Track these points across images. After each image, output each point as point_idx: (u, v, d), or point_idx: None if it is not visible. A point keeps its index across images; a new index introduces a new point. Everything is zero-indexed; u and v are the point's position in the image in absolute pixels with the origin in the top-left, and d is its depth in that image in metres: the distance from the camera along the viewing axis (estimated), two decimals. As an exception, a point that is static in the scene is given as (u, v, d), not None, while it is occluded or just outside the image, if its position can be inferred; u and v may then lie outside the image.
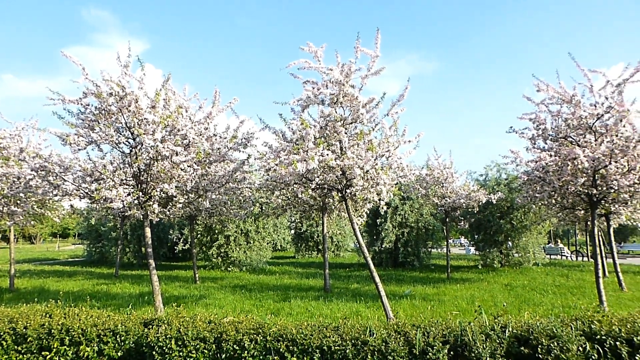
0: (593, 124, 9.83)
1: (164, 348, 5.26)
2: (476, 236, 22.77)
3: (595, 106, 9.83)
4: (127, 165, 9.37)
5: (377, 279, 9.02)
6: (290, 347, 5.04)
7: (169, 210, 10.58)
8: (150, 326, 5.73)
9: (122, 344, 5.56)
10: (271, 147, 9.66)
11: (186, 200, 10.63)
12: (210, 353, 5.24)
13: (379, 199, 9.70)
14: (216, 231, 21.32)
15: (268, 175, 10.01)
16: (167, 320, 5.73)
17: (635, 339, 5.33)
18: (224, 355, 5.17)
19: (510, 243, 21.96)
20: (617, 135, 9.49)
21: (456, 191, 17.17)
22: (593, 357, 5.23)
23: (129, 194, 8.89)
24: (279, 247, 37.44)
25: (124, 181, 9.21)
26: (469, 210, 18.16)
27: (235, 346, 5.17)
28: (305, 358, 4.98)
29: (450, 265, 18.81)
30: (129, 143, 9.33)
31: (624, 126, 9.47)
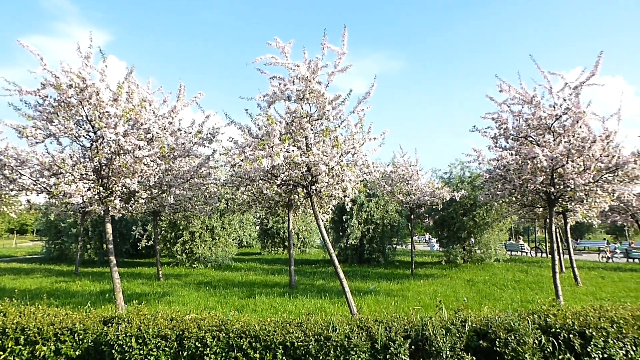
0: (552, 124, 10.14)
1: (124, 346, 5.15)
2: (440, 233, 23.15)
3: (554, 107, 10.15)
4: (87, 160, 9.13)
5: (342, 275, 9.07)
6: (253, 344, 5.02)
7: (131, 206, 10.38)
8: (110, 324, 5.61)
9: (81, 342, 5.43)
10: (236, 142, 9.58)
11: (149, 196, 10.43)
12: (172, 351, 5.17)
13: (344, 196, 9.76)
14: (181, 227, 21.03)
15: (233, 170, 9.92)
16: (127, 318, 5.62)
17: (587, 332, 5.54)
18: (185, 353, 5.11)
19: (472, 239, 22.44)
20: (573, 136, 9.82)
21: (421, 188, 17.42)
22: (548, 349, 5.41)
23: (89, 189, 8.67)
24: (245, 244, 37.22)
25: (84, 176, 8.96)
26: (434, 207, 18.47)
27: (197, 343, 5.11)
28: (268, 354, 4.97)
29: (414, 261, 19.10)
30: (90, 136, 9.09)
31: (580, 127, 9.82)
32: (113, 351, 5.20)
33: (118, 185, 8.98)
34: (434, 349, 5.07)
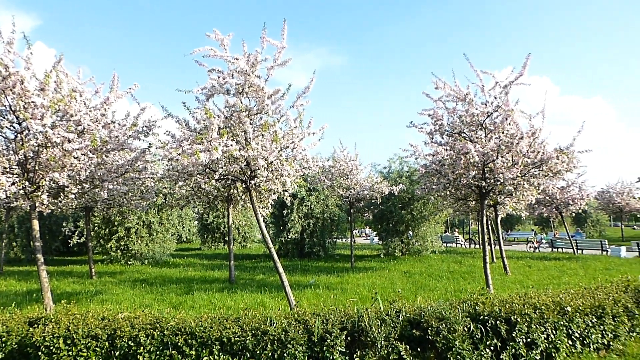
0: (483, 121, 10.58)
1: (51, 348, 4.94)
2: (379, 226, 23.62)
3: (486, 105, 10.60)
4: (11, 152, 8.60)
5: (281, 269, 9.08)
6: (189, 341, 4.95)
7: (60, 202, 9.90)
8: (36, 325, 5.35)
9: (4, 345, 5.15)
10: (174, 136, 9.35)
11: (80, 191, 9.99)
12: (103, 351, 5.01)
13: (284, 190, 9.76)
14: (115, 223, 20.26)
15: (171, 165, 9.68)
16: (55, 318, 5.38)
17: (512, 318, 5.86)
18: (117, 353, 4.97)
19: (410, 232, 23.08)
20: (503, 133, 10.29)
21: (360, 183, 17.72)
22: (477, 336, 5.68)
23: (13, 184, 8.18)
24: (184, 239, 36.44)
25: (8, 169, 8.45)
26: (373, 201, 18.82)
27: (130, 342, 4.98)
28: (204, 351, 4.92)
29: (354, 254, 19.38)
30: (14, 128, 8.58)
31: (509, 124, 10.31)
32: (40, 353, 4.97)
33: (45, 180, 8.54)
34: (369, 339, 5.20)
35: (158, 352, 4.94)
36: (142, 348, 4.92)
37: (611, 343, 6.74)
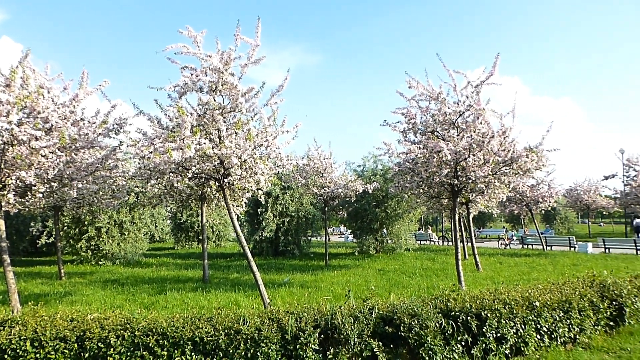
0: (456, 120, 10.73)
1: (18, 351, 4.82)
2: (353, 224, 23.74)
3: (458, 104, 10.74)
4: (-25, 150, 8.35)
5: (255, 268, 9.05)
6: (161, 341, 4.89)
7: (27, 201, 9.65)
8: (2, 328, 5.20)
9: (-33, 349, 4.99)
10: (145, 134, 9.21)
11: (48, 190, 9.75)
12: (72, 353, 4.91)
13: (258, 189, 9.72)
14: (86, 222, 19.83)
15: (142, 163, 9.53)
16: (21, 320, 5.25)
17: (483, 313, 5.97)
18: (87, 355, 4.88)
19: (385, 230, 23.25)
20: (475, 131, 10.46)
21: (335, 181, 17.78)
22: (448, 331, 5.76)
23: (-23, 183, 7.95)
24: (157, 239, 35.92)
25: (-28, 168, 8.21)
26: (347, 199, 18.90)
27: (100, 344, 4.90)
28: (176, 351, 4.87)
29: (328, 252, 19.44)
30: (-22, 125, 8.32)
31: (480, 123, 10.48)
32: (6, 356, 4.84)
33: (12, 179, 8.31)
34: (342, 336, 5.22)
35: (129, 353, 4.86)
36: (112, 349, 4.84)
37: (577, 336, 6.93)
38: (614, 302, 7.61)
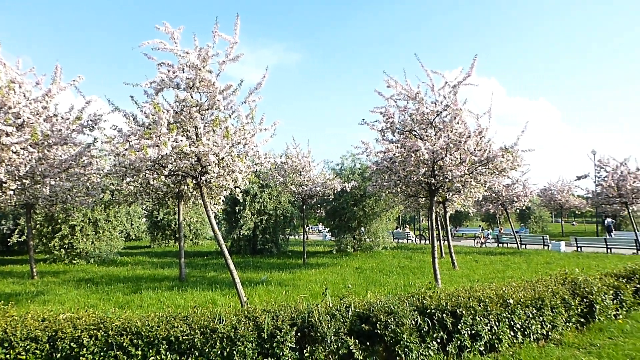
0: (433, 119, 10.83)
1: (-14, 351, 4.70)
2: (331, 223, 23.79)
3: (435, 104, 10.85)
4: (-57, 146, 8.13)
5: (232, 266, 9.01)
6: (135, 341, 4.83)
7: (-2, 198, 9.43)
8: (-30, 328, 5.07)
9: None
10: (121, 130, 9.07)
11: (19, 187, 9.54)
12: (44, 354, 4.81)
13: (235, 187, 9.67)
14: (59, 220, 19.43)
15: (117, 160, 9.38)
16: (-10, 320, 5.12)
17: (458, 311, 6.04)
18: (59, 355, 4.78)
19: (362, 229, 23.35)
20: (452, 131, 10.58)
21: (313, 179, 17.78)
22: (424, 329, 5.82)
23: (-55, 179, 7.74)
24: (134, 237, 35.42)
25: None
26: (325, 197, 18.93)
27: (72, 344, 4.81)
28: (151, 351, 4.81)
29: (306, 251, 19.44)
30: (-54, 120, 8.10)
31: (457, 123, 10.61)
32: (-26, 357, 4.72)
33: (-19, 175, 8.12)
34: (319, 334, 5.23)
35: (102, 353, 4.78)
36: (85, 349, 4.75)
37: (550, 333, 7.07)
38: (585, 300, 7.79)
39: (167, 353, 4.81)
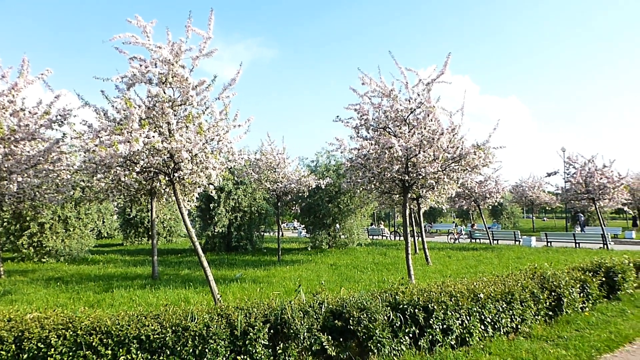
0: (407, 117, 10.91)
1: (-51, 353, 4.56)
2: (306, 219, 23.80)
3: (409, 101, 10.93)
4: None
5: (205, 264, 8.94)
6: (104, 340, 4.75)
7: (-38, 195, 9.15)
8: None
9: None
10: (91, 126, 8.88)
11: (-15, 183, 9.28)
12: (9, 355, 4.69)
13: (209, 183, 9.58)
14: (27, 218, 18.94)
15: (87, 156, 9.19)
16: (-47, 320, 4.97)
17: (430, 306, 6.12)
18: (26, 356, 4.67)
19: (337, 225, 23.44)
20: (425, 128, 10.68)
21: (288, 176, 17.75)
22: (396, 324, 5.88)
23: None
24: (105, 235, 34.80)
25: None
26: (300, 194, 18.92)
27: (39, 344, 4.70)
28: (121, 350, 4.73)
29: (281, 248, 19.42)
30: None
31: (431, 120, 10.71)
32: None
33: (-56, 171, 7.86)
34: (292, 331, 5.23)
35: (71, 353, 4.69)
36: (53, 350, 4.65)
37: (519, 326, 7.22)
38: (553, 293, 7.99)
39: (138, 352, 4.75)
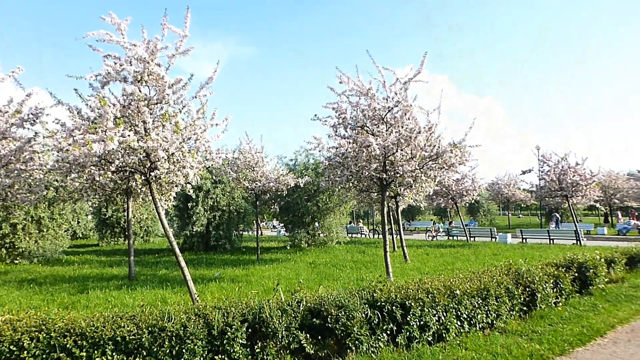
0: (385, 115, 10.98)
1: None
2: (285, 218, 23.77)
3: (387, 100, 11.00)
4: None
5: (183, 263, 8.87)
6: (79, 342, 4.68)
7: None
8: None
9: None
10: (64, 125, 8.71)
11: (-46, 184, 9.04)
12: (-20, 358, 4.58)
13: (187, 182, 9.50)
14: (-1, 219, 18.52)
15: (60, 156, 9.00)
16: None
17: (407, 303, 6.18)
18: (-3, 358, 4.57)
19: (316, 224, 23.46)
20: (403, 127, 10.76)
21: (266, 175, 17.69)
22: (374, 321, 5.92)
23: None
24: (80, 235, 34.20)
25: None
26: (279, 193, 18.89)
27: (12, 347, 4.60)
28: (96, 352, 4.67)
29: (260, 247, 19.35)
30: None
31: (408, 119, 10.80)
32: None
33: None
34: (270, 330, 5.23)
35: (44, 356, 4.60)
36: (25, 352, 4.56)
37: (495, 322, 7.35)
38: (528, 289, 8.14)
39: (114, 354, 4.69)
